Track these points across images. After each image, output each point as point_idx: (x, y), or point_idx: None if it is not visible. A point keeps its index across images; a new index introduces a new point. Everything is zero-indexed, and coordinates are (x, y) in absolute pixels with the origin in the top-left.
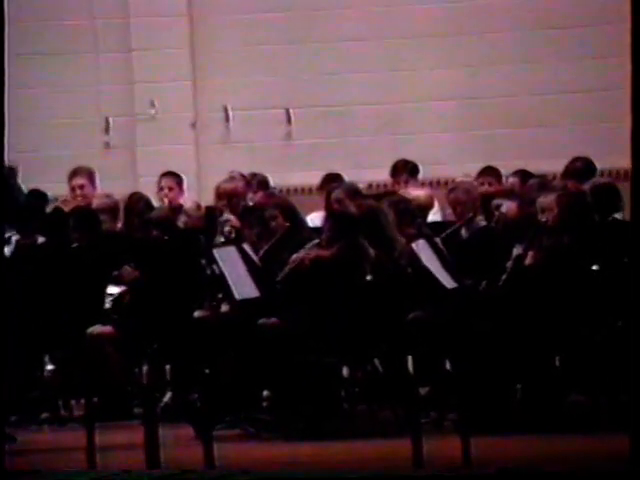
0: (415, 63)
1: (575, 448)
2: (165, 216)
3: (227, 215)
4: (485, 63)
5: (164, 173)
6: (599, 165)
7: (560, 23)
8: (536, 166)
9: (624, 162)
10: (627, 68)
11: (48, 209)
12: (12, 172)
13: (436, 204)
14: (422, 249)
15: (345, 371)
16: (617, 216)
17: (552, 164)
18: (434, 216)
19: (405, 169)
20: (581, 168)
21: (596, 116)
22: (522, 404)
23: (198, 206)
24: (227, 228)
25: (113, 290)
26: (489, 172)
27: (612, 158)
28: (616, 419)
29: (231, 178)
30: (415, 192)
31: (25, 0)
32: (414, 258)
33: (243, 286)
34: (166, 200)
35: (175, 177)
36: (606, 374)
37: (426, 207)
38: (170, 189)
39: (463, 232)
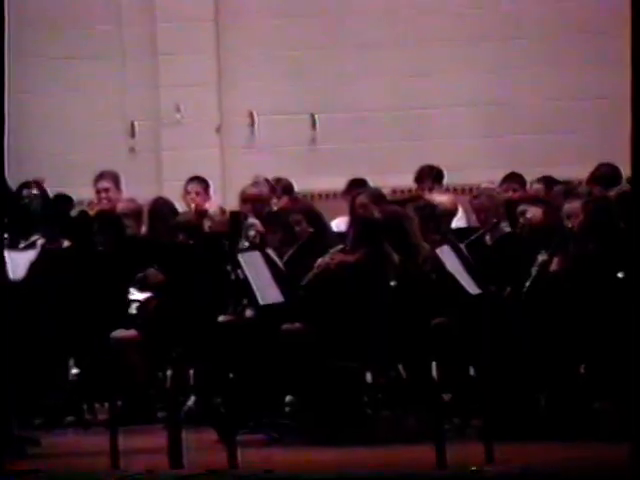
0: (440, 69)
1: (599, 455)
2: (191, 220)
3: (252, 220)
4: (510, 68)
5: (191, 178)
6: (626, 171)
7: (585, 28)
8: (561, 172)
9: None
10: None
11: (73, 213)
12: (37, 185)
13: (460, 210)
14: (446, 255)
15: (369, 376)
16: None
17: (577, 170)
18: (458, 222)
19: (430, 175)
20: (607, 174)
21: (622, 122)
22: (546, 411)
23: (222, 211)
24: (252, 233)
25: (139, 296)
26: (514, 178)
27: None
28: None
29: (256, 183)
30: (439, 198)
31: (53, 5)
32: (438, 264)
33: (267, 291)
34: (192, 205)
35: (202, 182)
36: (631, 381)
37: (450, 213)
38: (197, 194)
39: (487, 238)
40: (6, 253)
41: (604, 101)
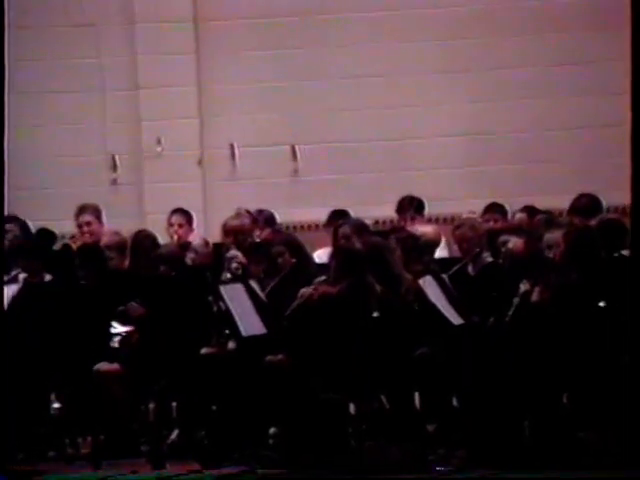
0: (421, 100)
1: None
2: (174, 252)
3: (234, 252)
4: (491, 99)
5: (174, 210)
6: (606, 201)
7: (567, 59)
8: (543, 202)
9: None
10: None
11: (56, 247)
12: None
13: (443, 240)
14: (429, 285)
15: (352, 407)
16: (624, 252)
17: (559, 200)
18: (441, 252)
19: (411, 205)
20: (587, 204)
21: (603, 152)
22: (530, 440)
23: (206, 243)
24: (234, 265)
25: (120, 329)
26: (495, 208)
27: (619, 194)
28: (625, 455)
29: (238, 215)
30: (423, 228)
31: (32, 37)
32: (421, 294)
33: (250, 323)
34: (175, 237)
35: (185, 214)
36: (614, 410)
37: (434, 243)
38: (180, 226)
39: (470, 268)
40: None
41: (585, 131)
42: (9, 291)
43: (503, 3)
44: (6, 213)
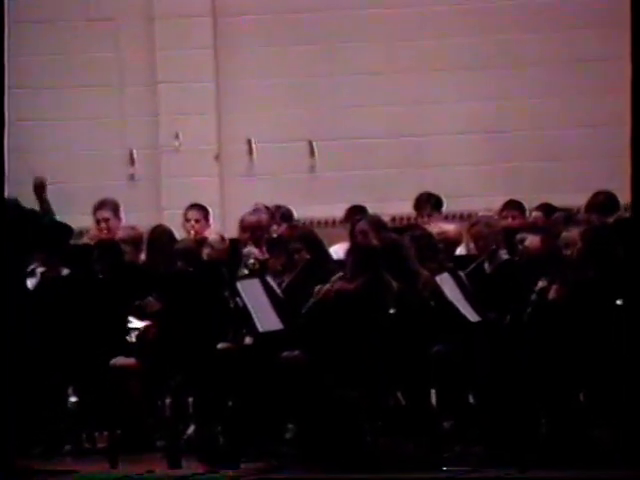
0: (438, 96)
1: None
2: (191, 248)
3: (250, 247)
4: (509, 96)
5: (191, 205)
6: (624, 199)
7: (586, 57)
8: (560, 200)
9: None
10: None
11: (74, 242)
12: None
13: None
14: (446, 282)
15: (368, 404)
16: None
17: (576, 198)
18: (459, 250)
19: (429, 202)
20: (604, 202)
21: (621, 150)
22: (547, 438)
23: (222, 238)
24: (250, 260)
25: (137, 324)
26: (512, 205)
27: None
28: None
29: (255, 210)
30: (445, 226)
31: (51, 32)
32: (437, 291)
33: (266, 318)
34: (192, 232)
35: (202, 210)
36: (630, 409)
37: (455, 241)
38: (196, 221)
39: (486, 266)
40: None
41: (602, 129)
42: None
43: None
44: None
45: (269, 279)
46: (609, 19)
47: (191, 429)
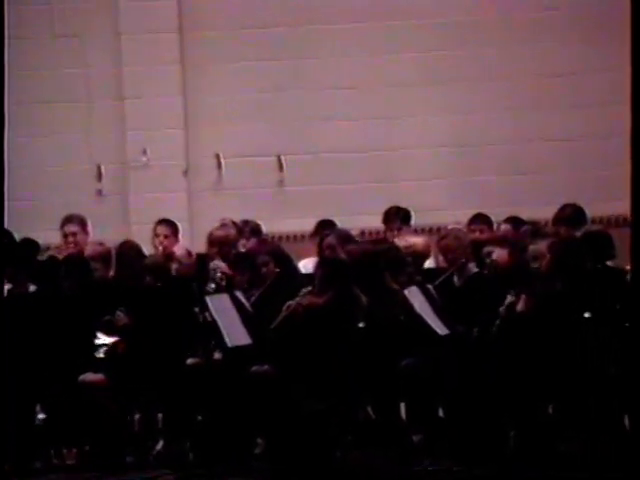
0: (408, 110)
1: None
2: (160, 263)
3: (217, 262)
4: (476, 110)
5: (160, 220)
6: (591, 212)
7: (553, 72)
8: (528, 213)
9: (616, 209)
10: (620, 116)
11: (40, 257)
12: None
13: None
14: (414, 296)
15: (338, 418)
16: (609, 263)
17: (544, 211)
18: (428, 263)
19: (397, 216)
20: (571, 215)
21: (588, 164)
22: (515, 450)
23: (189, 253)
24: (218, 275)
25: (106, 340)
26: (480, 219)
27: (604, 205)
28: (608, 465)
29: (223, 225)
30: (413, 239)
31: (17, 48)
32: (406, 305)
33: (235, 333)
34: (161, 247)
35: (171, 225)
36: (598, 420)
37: (423, 255)
38: (165, 237)
39: (455, 279)
40: None
41: (570, 143)
42: None
43: (491, 14)
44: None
45: (238, 294)
46: (582, 33)
47: (160, 444)
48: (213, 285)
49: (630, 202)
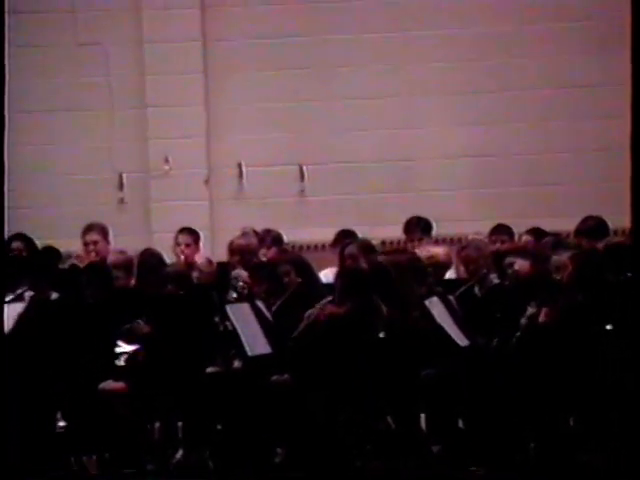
0: (429, 120)
1: None
2: (181, 271)
3: (239, 271)
4: (499, 121)
5: (181, 229)
6: (614, 224)
7: (575, 82)
8: (550, 224)
9: None
10: None
11: (62, 265)
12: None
13: None
14: (435, 306)
15: (358, 428)
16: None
17: (566, 223)
18: (448, 273)
19: (418, 226)
20: (593, 227)
21: (610, 175)
22: (536, 462)
23: (209, 262)
24: (239, 284)
25: (126, 348)
26: (501, 230)
27: (626, 217)
28: (628, 478)
29: (244, 234)
30: (434, 249)
31: (41, 55)
32: (427, 315)
33: (255, 343)
34: (182, 256)
35: (192, 234)
36: (620, 434)
37: (444, 265)
38: (187, 245)
39: (476, 290)
40: None
41: (593, 154)
42: (16, 309)
43: (511, 26)
44: (8, 229)
45: (259, 303)
46: (600, 44)
47: (180, 453)
48: (234, 294)
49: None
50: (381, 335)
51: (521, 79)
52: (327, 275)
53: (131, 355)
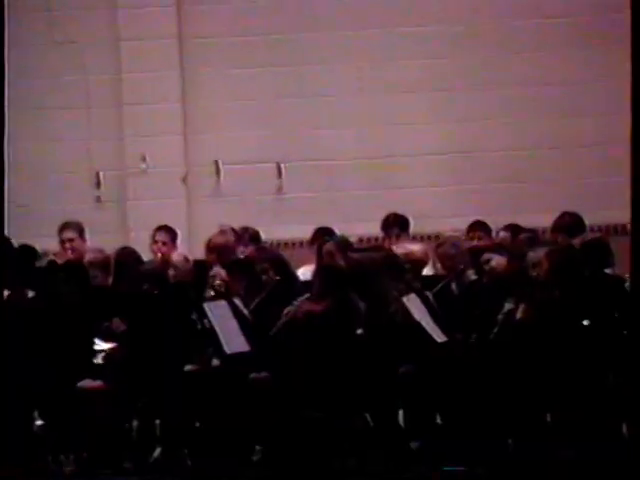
0: (406, 118)
1: None
2: (157, 269)
3: (216, 269)
4: (475, 118)
5: (158, 227)
6: (590, 220)
7: (552, 79)
8: (526, 221)
9: (615, 217)
10: (619, 124)
11: (39, 264)
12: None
13: None
14: (413, 303)
15: (336, 425)
16: (607, 271)
17: (542, 219)
18: (426, 270)
19: (396, 223)
20: (570, 223)
21: (587, 171)
22: (513, 458)
23: (186, 259)
24: (217, 282)
25: (104, 346)
26: (479, 226)
27: (603, 213)
28: (606, 474)
29: (222, 232)
30: (411, 246)
31: (16, 54)
32: (405, 312)
33: (233, 340)
34: (159, 254)
35: (169, 232)
36: (596, 428)
37: (421, 262)
38: (164, 243)
39: (453, 286)
40: None
41: (568, 150)
42: None
43: (491, 23)
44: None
45: (236, 300)
46: (580, 42)
47: (158, 451)
48: (212, 292)
49: (630, 210)
50: (359, 332)
51: (499, 76)
52: (305, 273)
53: (108, 353)
